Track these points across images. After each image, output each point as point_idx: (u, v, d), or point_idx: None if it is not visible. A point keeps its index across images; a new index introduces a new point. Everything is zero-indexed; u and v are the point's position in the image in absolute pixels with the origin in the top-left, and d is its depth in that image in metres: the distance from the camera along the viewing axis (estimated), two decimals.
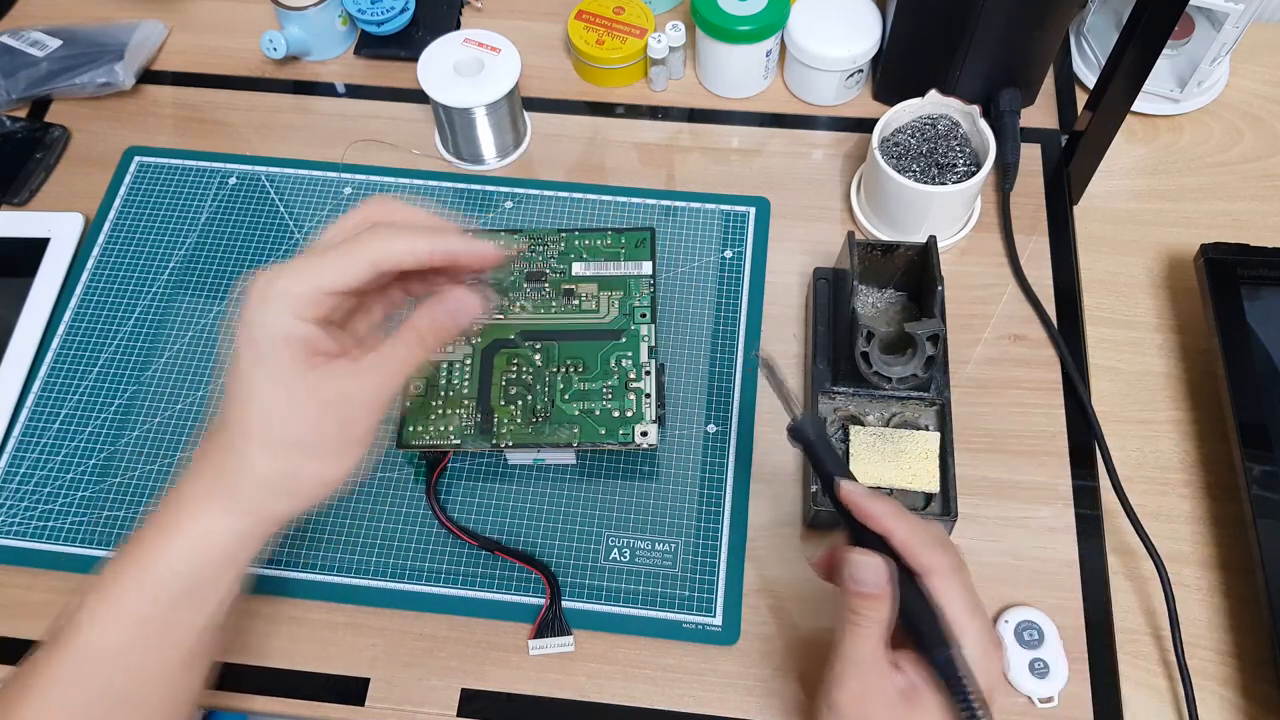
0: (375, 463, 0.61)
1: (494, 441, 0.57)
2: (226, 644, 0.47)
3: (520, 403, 0.58)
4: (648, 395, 0.58)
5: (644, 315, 0.60)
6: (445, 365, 0.60)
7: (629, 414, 0.57)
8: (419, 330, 0.43)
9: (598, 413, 0.57)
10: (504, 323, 0.61)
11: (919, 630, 0.41)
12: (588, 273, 0.62)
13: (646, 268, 0.62)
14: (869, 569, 0.41)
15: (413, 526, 0.59)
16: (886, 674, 0.41)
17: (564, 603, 0.56)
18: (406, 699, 0.54)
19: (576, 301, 0.61)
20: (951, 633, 0.40)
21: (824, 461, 0.45)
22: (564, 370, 0.59)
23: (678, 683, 0.55)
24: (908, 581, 0.42)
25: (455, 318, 0.44)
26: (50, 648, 0.43)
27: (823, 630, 0.56)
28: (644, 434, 0.57)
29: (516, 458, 0.60)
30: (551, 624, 0.56)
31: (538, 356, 0.59)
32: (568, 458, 0.60)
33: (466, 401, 0.58)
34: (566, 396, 0.58)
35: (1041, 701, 0.53)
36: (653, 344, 0.59)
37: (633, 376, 0.58)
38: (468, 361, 0.60)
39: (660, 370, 0.59)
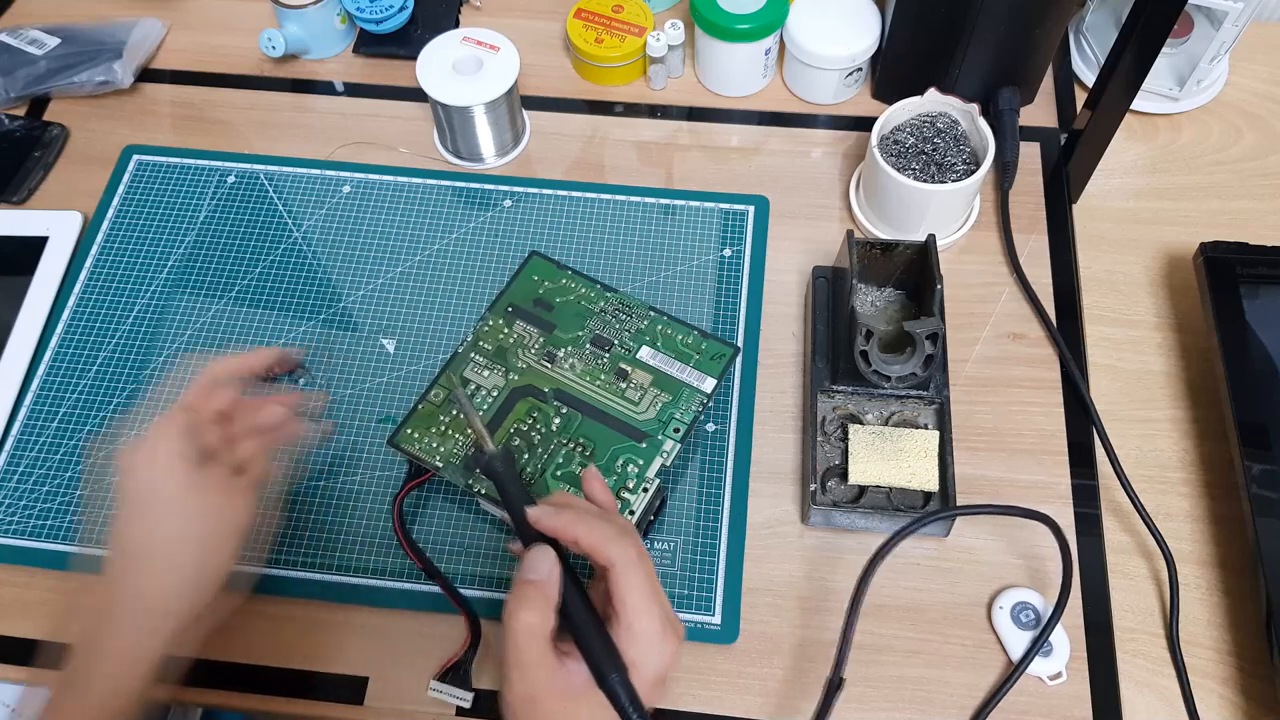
0: (375, 461, 0.61)
1: (469, 483, 0.56)
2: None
3: (515, 458, 0.57)
4: (631, 512, 0.55)
5: (678, 430, 0.57)
6: (474, 387, 0.59)
7: None
8: (263, 442, 0.54)
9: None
10: (548, 372, 0.59)
11: (590, 653, 0.43)
12: (652, 362, 0.60)
13: (708, 384, 0.59)
14: (539, 557, 0.44)
15: (413, 527, 0.59)
16: (554, 670, 0.42)
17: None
18: (405, 698, 0.54)
19: (624, 385, 0.59)
20: (619, 656, 0.42)
21: (512, 495, 0.47)
22: (572, 446, 0.57)
23: (676, 681, 0.55)
24: (582, 606, 0.44)
25: (290, 435, 0.56)
26: None
27: (822, 629, 0.56)
28: None
29: (488, 507, 0.57)
30: (458, 671, 0.54)
31: (556, 420, 0.58)
32: None
33: (469, 431, 0.57)
34: (559, 473, 0.56)
35: (1051, 679, 0.54)
36: (667, 463, 0.56)
37: (629, 486, 0.56)
38: (494, 392, 0.59)
39: (659, 494, 0.56)
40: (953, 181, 0.64)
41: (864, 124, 0.74)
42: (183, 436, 0.49)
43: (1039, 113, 0.75)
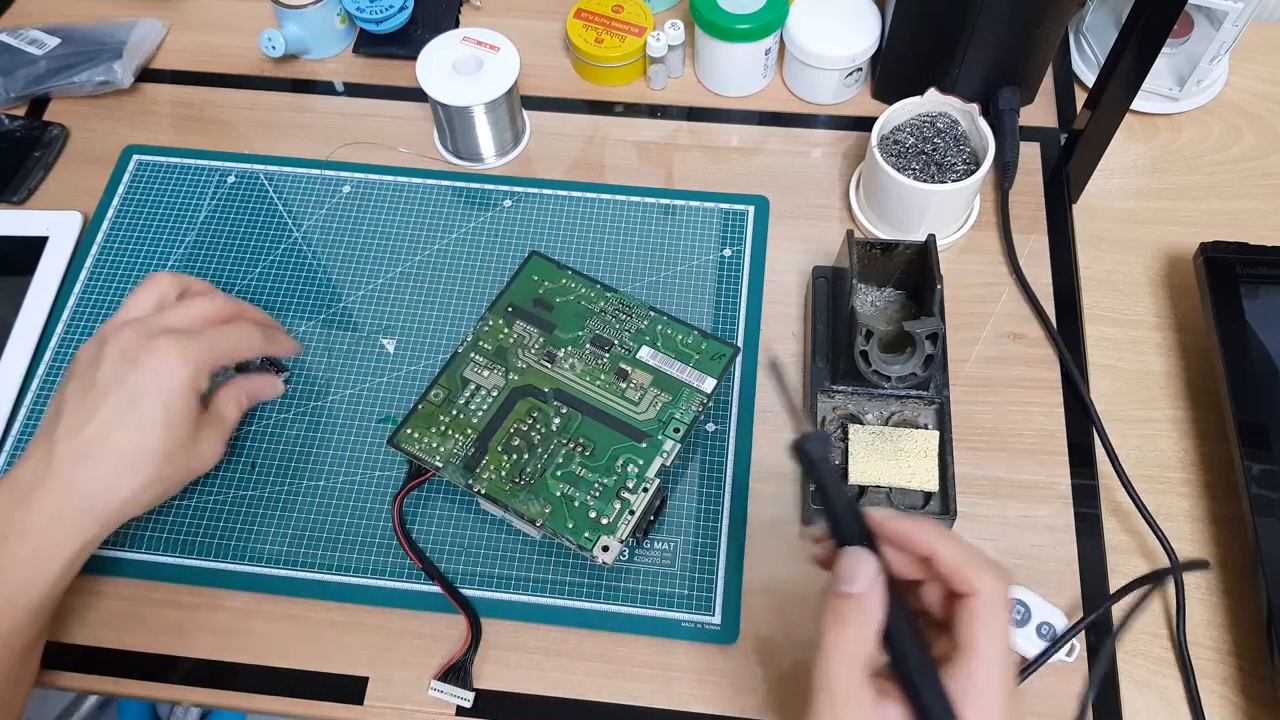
0: (375, 461, 0.61)
1: (469, 483, 0.56)
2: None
3: (514, 457, 0.57)
4: (631, 512, 0.55)
5: (678, 430, 0.57)
6: (472, 387, 0.59)
7: (604, 520, 0.54)
8: (242, 394, 0.57)
9: (577, 504, 0.55)
10: (548, 372, 0.60)
11: (918, 696, 0.36)
12: (652, 362, 0.60)
13: (708, 384, 0.59)
14: (858, 564, 0.38)
15: (413, 527, 0.59)
16: (868, 708, 0.36)
17: (564, 600, 0.56)
18: (405, 698, 0.54)
19: (624, 385, 0.59)
20: (953, 708, 0.35)
21: (832, 485, 0.40)
22: (571, 445, 0.57)
23: (677, 681, 0.55)
24: (911, 634, 0.37)
25: (267, 391, 0.60)
26: None
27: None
28: (605, 549, 0.54)
29: (488, 506, 0.57)
30: (458, 671, 0.54)
31: (556, 420, 0.58)
32: (531, 530, 0.57)
33: (470, 431, 0.58)
34: (559, 473, 0.56)
35: (1069, 655, 0.53)
36: (667, 463, 0.56)
37: (629, 486, 0.55)
38: (494, 393, 0.59)
39: (659, 494, 0.56)
40: (953, 181, 0.64)
41: (864, 124, 0.74)
42: (201, 372, 0.51)
43: (1039, 113, 0.75)
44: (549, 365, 0.60)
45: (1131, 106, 0.65)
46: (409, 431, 0.58)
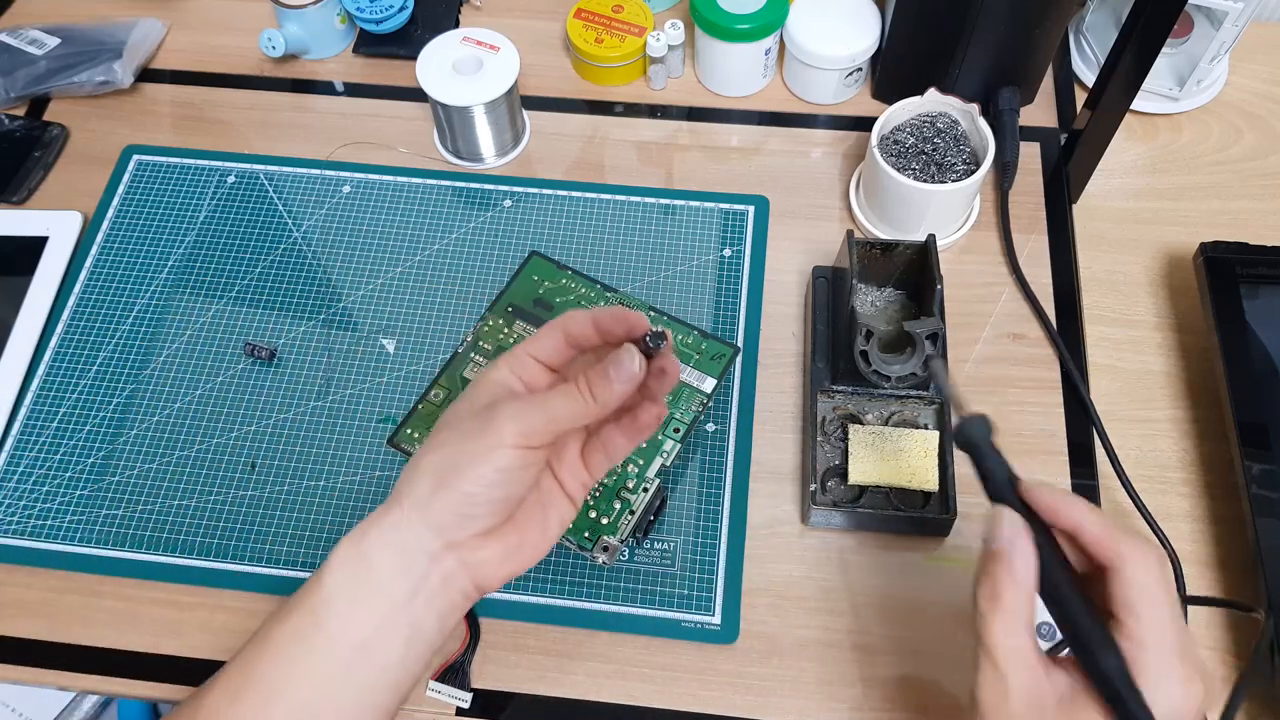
0: (375, 461, 0.61)
1: None
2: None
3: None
4: (631, 512, 0.55)
5: (677, 431, 0.57)
6: None
7: (604, 520, 0.55)
8: (581, 379, 0.43)
9: None
10: None
11: (1077, 633, 0.35)
12: None
13: (708, 384, 0.59)
14: (998, 520, 0.37)
15: None
16: (1034, 671, 0.35)
17: (564, 600, 0.56)
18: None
19: None
20: (1114, 639, 0.35)
21: (993, 460, 0.40)
22: None
23: (676, 681, 0.55)
24: (1067, 583, 0.37)
25: (616, 370, 0.43)
26: (290, 643, 0.40)
27: (821, 629, 0.56)
28: (605, 549, 0.54)
29: None
30: (456, 672, 0.54)
31: None
32: None
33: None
34: None
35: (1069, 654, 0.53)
36: (667, 463, 0.57)
37: (629, 485, 0.56)
38: None
39: (659, 494, 0.56)
40: (953, 181, 0.64)
41: (864, 124, 0.74)
42: (501, 366, 0.44)
43: (1039, 113, 0.75)
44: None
45: (1131, 106, 0.65)
46: (409, 431, 0.58)
